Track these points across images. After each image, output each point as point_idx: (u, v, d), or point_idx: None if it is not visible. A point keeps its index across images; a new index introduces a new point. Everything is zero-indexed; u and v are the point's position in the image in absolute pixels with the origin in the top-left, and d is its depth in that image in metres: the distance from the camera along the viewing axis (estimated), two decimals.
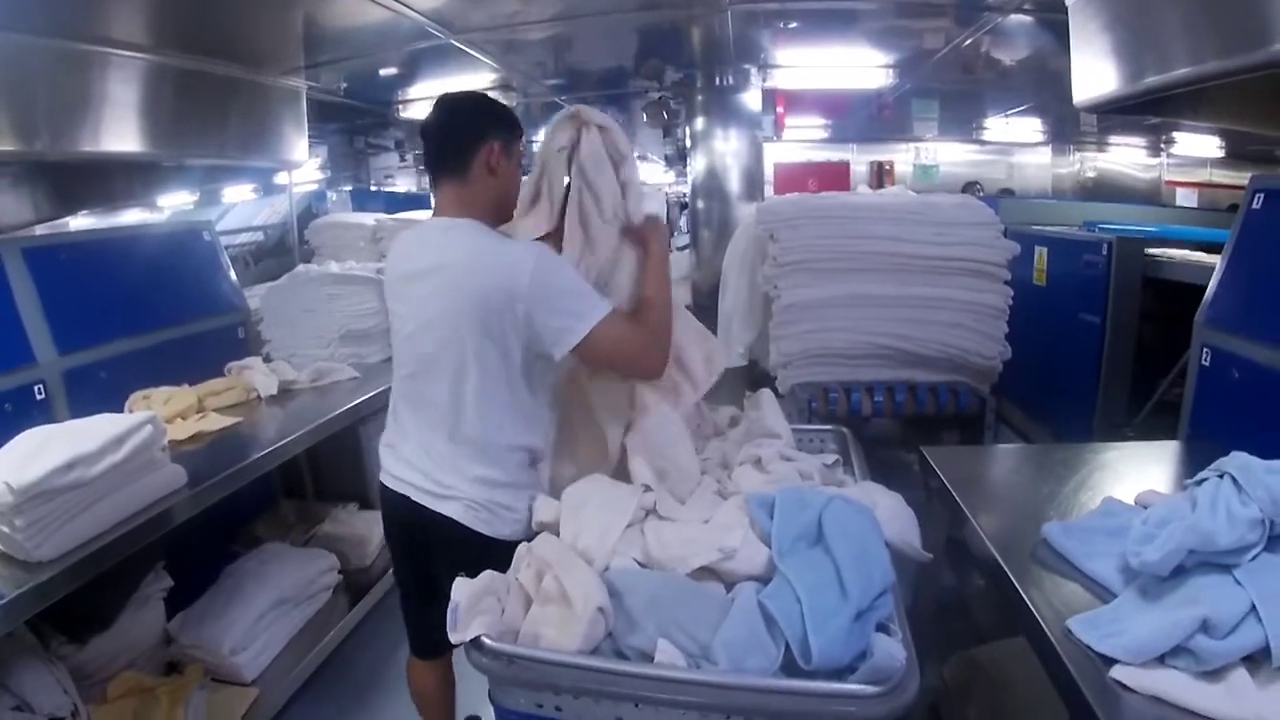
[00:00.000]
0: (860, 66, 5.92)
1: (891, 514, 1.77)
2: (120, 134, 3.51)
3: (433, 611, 2.32)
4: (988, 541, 1.86)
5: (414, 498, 2.12)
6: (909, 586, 1.80)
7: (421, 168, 11.03)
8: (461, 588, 1.52)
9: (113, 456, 2.28)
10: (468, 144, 2.03)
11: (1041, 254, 4.05)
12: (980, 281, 3.26)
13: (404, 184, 14.17)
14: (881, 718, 1.25)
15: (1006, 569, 1.72)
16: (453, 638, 1.45)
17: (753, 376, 3.91)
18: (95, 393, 3.23)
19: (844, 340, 3.28)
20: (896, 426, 3.71)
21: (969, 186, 9.69)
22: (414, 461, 2.13)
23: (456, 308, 1.94)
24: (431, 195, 2.18)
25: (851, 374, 3.35)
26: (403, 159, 11.51)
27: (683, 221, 20.16)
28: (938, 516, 2.29)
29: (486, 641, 1.43)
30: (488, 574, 1.59)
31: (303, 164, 5.00)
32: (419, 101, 6.64)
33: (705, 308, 4.84)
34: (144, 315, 3.67)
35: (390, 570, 3.40)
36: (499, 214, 2.11)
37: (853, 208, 3.39)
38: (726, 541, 1.58)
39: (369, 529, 3.74)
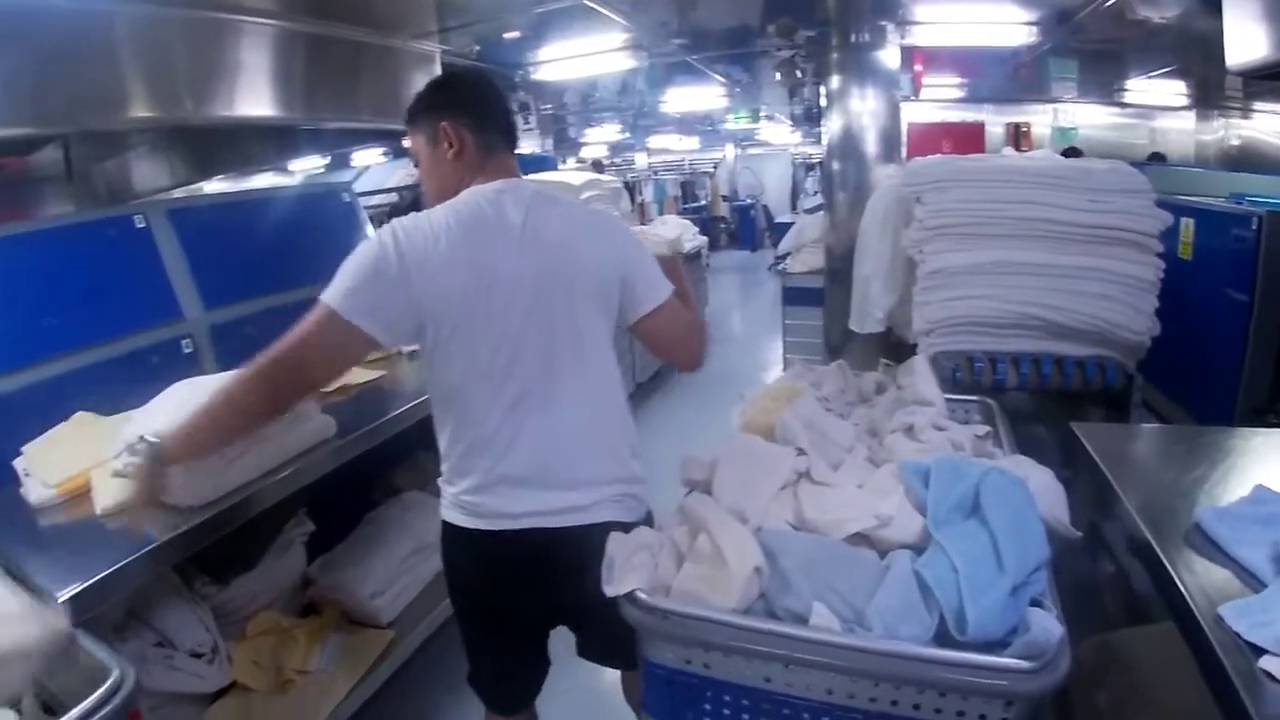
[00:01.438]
0: (1001, 23, 5.81)
1: (1042, 489, 1.74)
2: (256, 99, 3.67)
3: (537, 653, 2.30)
4: (1140, 522, 1.84)
5: (550, 525, 1.94)
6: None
7: (542, 132, 11.22)
8: (617, 542, 1.56)
9: None
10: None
11: (1188, 226, 3.87)
12: (1131, 252, 3.17)
13: (527, 146, 14.39)
14: (1033, 693, 1.25)
15: (1159, 551, 1.70)
16: (608, 590, 1.48)
17: (888, 344, 3.87)
18: (240, 347, 3.32)
19: (990, 308, 3.22)
20: (1032, 401, 3.63)
21: (1155, 157, 9.21)
22: (549, 473, 1.95)
23: (566, 274, 1.91)
24: (482, 158, 2.04)
25: (997, 344, 3.30)
26: (526, 122, 11.66)
27: (809, 183, 20.00)
28: (1082, 495, 2.24)
29: (641, 596, 1.46)
30: (642, 529, 1.65)
31: None
32: (549, 63, 6.73)
33: (839, 271, 4.82)
34: (286, 273, 3.81)
35: None
36: None
37: (1003, 171, 3.32)
38: (882, 509, 1.59)
39: None
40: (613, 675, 2.40)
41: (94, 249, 3.17)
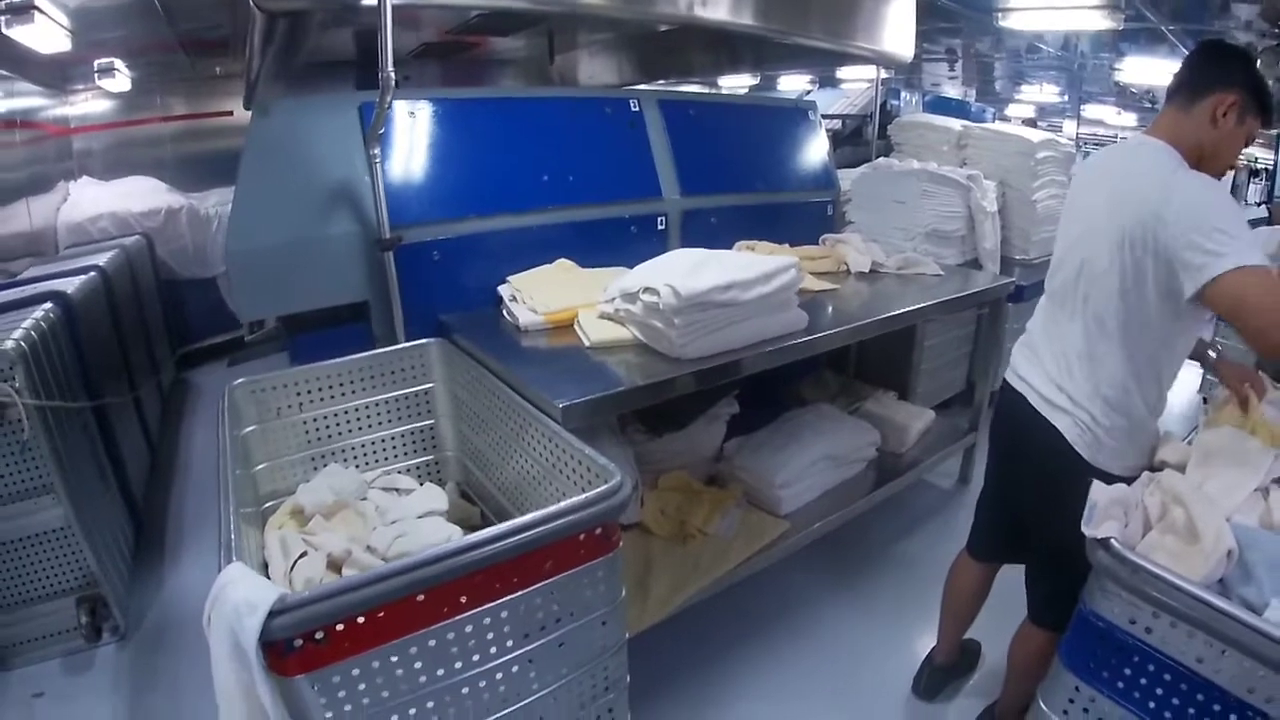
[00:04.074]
0: None
1: None
2: (739, 7, 3.75)
3: (1005, 516, 2.48)
4: None
5: (1029, 400, 2.22)
6: None
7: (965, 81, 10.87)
8: (1100, 490, 1.65)
9: (763, 288, 2.62)
10: (1208, 84, 2.03)
11: None
12: None
13: (951, 92, 14.05)
14: None
15: None
16: (1086, 531, 1.58)
17: None
18: (705, 234, 3.71)
19: None
20: None
21: None
22: (1044, 365, 2.22)
23: (1117, 224, 1.97)
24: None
25: None
26: (951, 69, 11.37)
27: (1252, 191, 18.10)
28: None
29: (1115, 544, 1.54)
30: (1121, 486, 1.70)
31: (908, 60, 5.07)
32: (1020, 11, 6.49)
33: None
34: (751, 176, 4.12)
35: (920, 464, 3.73)
36: (1196, 156, 2.03)
37: None
38: None
39: (910, 419, 3.95)
40: None
41: (592, 123, 3.56)
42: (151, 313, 5.50)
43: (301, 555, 1.98)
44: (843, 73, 9.96)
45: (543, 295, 2.92)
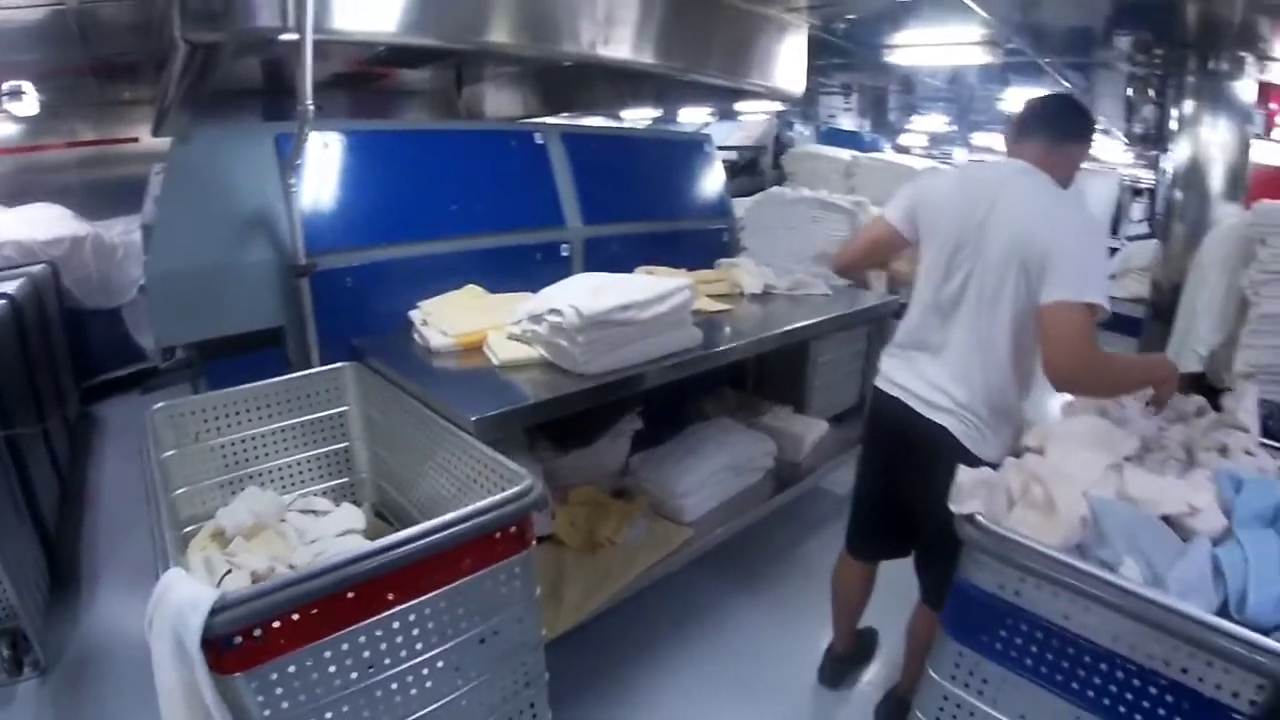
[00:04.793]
0: None
1: None
2: (641, 45, 4.01)
3: (890, 514, 2.72)
4: None
5: (913, 406, 2.46)
6: None
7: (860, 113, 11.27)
8: (965, 473, 1.85)
9: (658, 308, 2.81)
10: (1074, 135, 2.41)
11: None
12: None
13: (847, 124, 14.48)
14: None
15: None
16: (953, 507, 1.79)
17: (1199, 387, 3.85)
18: (607, 260, 3.87)
19: None
20: None
21: None
22: (922, 370, 2.45)
23: (1007, 242, 2.22)
24: (1008, 143, 2.49)
25: None
26: (846, 101, 11.74)
27: (1135, 209, 18.81)
28: None
29: (980, 518, 1.75)
30: (985, 469, 1.91)
31: (799, 95, 5.34)
32: (906, 48, 6.79)
33: (1163, 305, 4.76)
34: (651, 205, 4.33)
35: (815, 472, 3.98)
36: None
37: None
38: (1195, 499, 1.80)
39: (805, 430, 4.17)
40: None
41: (498, 155, 3.72)
42: (58, 343, 5.41)
43: (226, 573, 2.08)
44: (741, 106, 10.25)
45: (452, 319, 3.03)
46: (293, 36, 2.61)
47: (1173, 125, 5.73)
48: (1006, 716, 1.78)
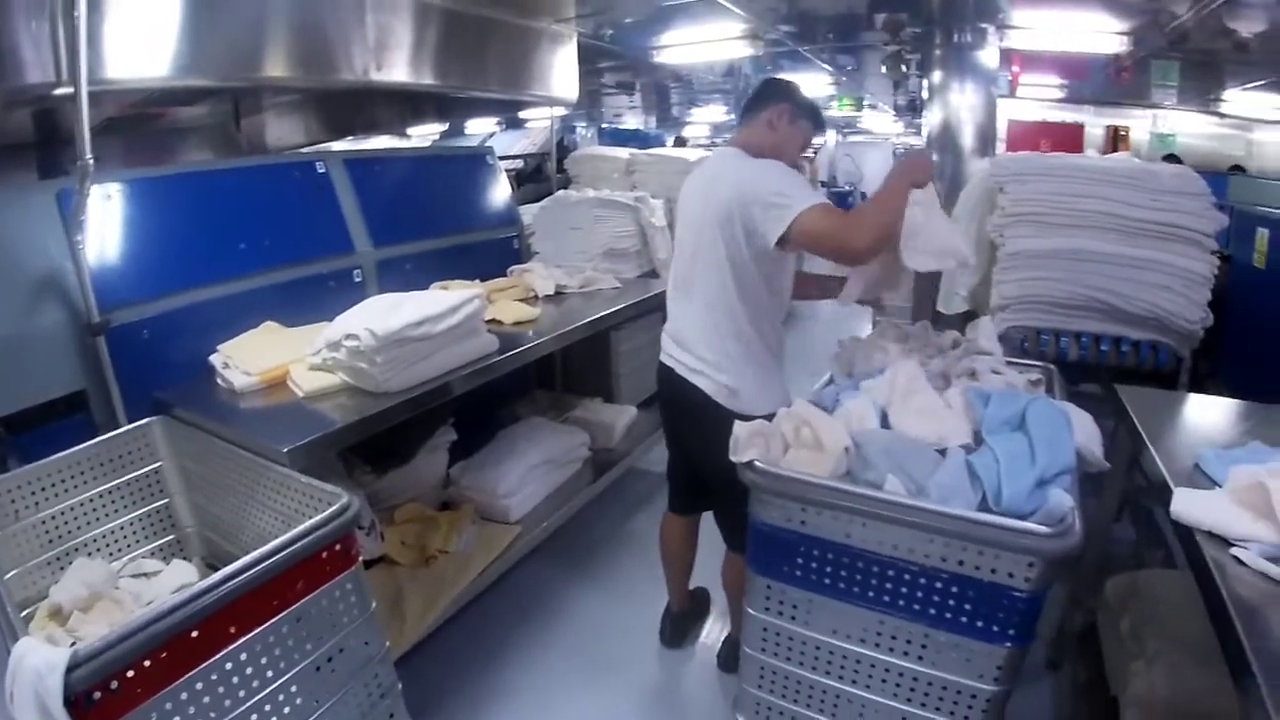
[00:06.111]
0: (1095, 31, 6.04)
1: (1081, 423, 2.14)
2: (417, 68, 4.12)
3: (687, 472, 3.00)
4: (1159, 463, 2.20)
5: (677, 371, 2.74)
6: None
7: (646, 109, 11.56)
8: (741, 427, 2.02)
9: (451, 320, 2.94)
10: (764, 102, 2.69)
11: (1263, 236, 4.08)
12: (1190, 249, 3.43)
13: (632, 122, 14.83)
14: (1049, 553, 1.63)
15: (1170, 483, 2.04)
16: (733, 458, 1.97)
17: (968, 323, 4.18)
18: (401, 280, 3.93)
19: (1060, 290, 3.53)
20: (1088, 378, 3.89)
21: (1235, 169, 9.13)
22: (682, 340, 2.71)
23: (711, 211, 2.51)
24: None
25: (1063, 323, 3.61)
26: (631, 99, 12.03)
27: None
28: (1121, 450, 2.67)
29: (758, 463, 1.94)
30: (759, 421, 2.08)
31: (573, 102, 5.51)
32: (672, 48, 7.06)
33: None
34: (439, 221, 4.42)
35: (630, 454, 4.20)
36: (763, 155, 2.60)
37: (1078, 169, 3.61)
38: (944, 429, 2.05)
39: (615, 417, 4.38)
40: None
41: (281, 187, 3.72)
42: None
43: (72, 645, 2.06)
44: (525, 114, 10.33)
45: (253, 358, 3.02)
46: (67, 90, 2.57)
47: (925, 95, 6.20)
48: (820, 634, 1.98)
